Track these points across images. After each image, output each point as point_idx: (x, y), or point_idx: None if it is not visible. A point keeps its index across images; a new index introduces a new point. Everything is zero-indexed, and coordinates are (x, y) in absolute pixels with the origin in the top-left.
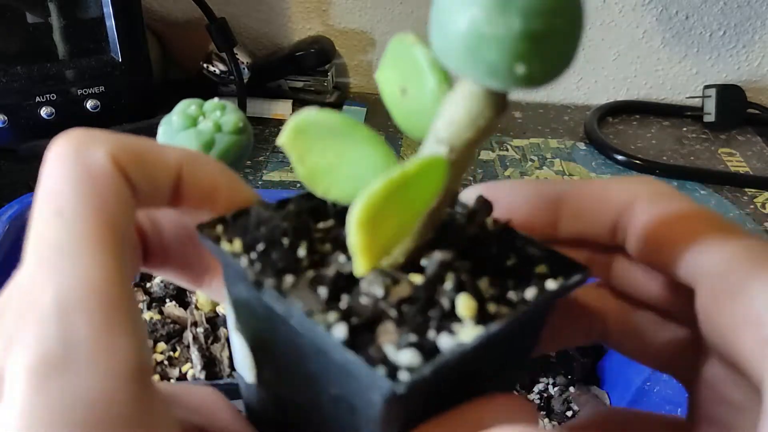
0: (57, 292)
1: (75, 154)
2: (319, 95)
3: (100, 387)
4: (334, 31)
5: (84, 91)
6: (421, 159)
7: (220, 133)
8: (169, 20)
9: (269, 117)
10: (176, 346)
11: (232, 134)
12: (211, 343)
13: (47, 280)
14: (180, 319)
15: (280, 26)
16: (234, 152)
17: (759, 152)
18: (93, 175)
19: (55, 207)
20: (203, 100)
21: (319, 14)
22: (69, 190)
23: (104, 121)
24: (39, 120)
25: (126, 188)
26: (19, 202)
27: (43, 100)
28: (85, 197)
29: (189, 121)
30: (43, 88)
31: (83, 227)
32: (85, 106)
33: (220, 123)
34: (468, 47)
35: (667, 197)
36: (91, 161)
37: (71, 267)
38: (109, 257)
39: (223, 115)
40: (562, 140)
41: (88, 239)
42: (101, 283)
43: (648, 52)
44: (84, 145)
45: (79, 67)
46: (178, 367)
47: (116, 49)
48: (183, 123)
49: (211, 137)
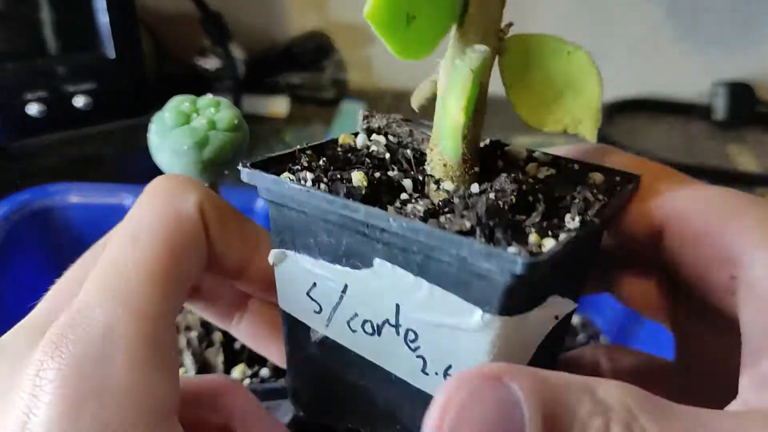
0: (108, 319)
1: (167, 193)
2: (317, 91)
3: (130, 420)
4: (332, 25)
5: (75, 87)
6: None
7: (215, 131)
8: (163, 14)
9: (266, 114)
10: None
11: (226, 132)
12: (206, 347)
13: (101, 306)
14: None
15: (276, 21)
16: (229, 150)
17: None
18: (178, 216)
19: (132, 232)
20: (196, 96)
21: (317, 9)
22: (151, 222)
23: (96, 118)
24: (29, 118)
25: (203, 237)
26: (8, 202)
27: (33, 98)
28: (164, 231)
29: (182, 118)
30: (33, 85)
31: (153, 258)
32: (77, 104)
33: (214, 120)
34: None
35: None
36: (180, 204)
37: (128, 295)
38: (166, 296)
39: (218, 111)
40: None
41: (153, 272)
42: (151, 321)
43: (656, 48)
44: (179, 188)
45: (70, 64)
46: None
47: (109, 45)
48: (176, 120)
49: (205, 135)
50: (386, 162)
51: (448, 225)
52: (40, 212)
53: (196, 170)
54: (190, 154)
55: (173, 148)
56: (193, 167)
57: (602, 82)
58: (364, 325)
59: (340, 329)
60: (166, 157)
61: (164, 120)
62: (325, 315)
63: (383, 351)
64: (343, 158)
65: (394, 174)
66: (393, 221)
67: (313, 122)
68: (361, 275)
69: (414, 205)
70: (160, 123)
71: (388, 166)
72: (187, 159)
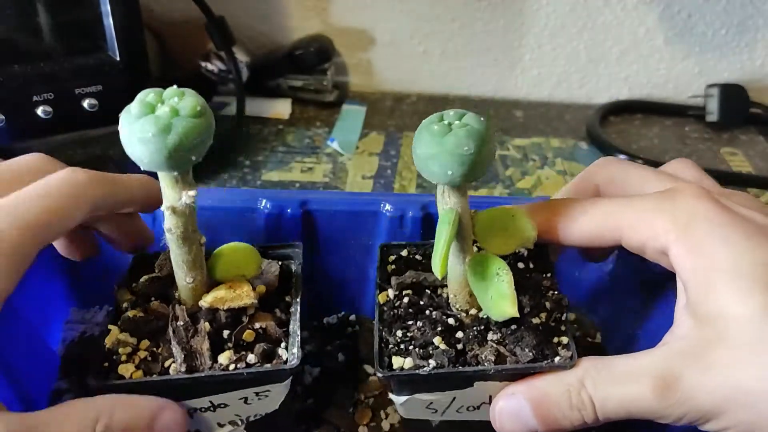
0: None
1: (68, 184)
2: (319, 94)
3: None
4: (334, 29)
5: (82, 90)
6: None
7: (178, 118)
8: (168, 19)
9: (268, 116)
10: (160, 343)
11: (190, 118)
12: (192, 336)
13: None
14: (163, 315)
15: (279, 24)
16: (193, 136)
17: (762, 152)
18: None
19: (46, 191)
20: (163, 89)
21: (319, 12)
22: (54, 190)
23: (102, 120)
24: (36, 119)
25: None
26: None
27: (41, 99)
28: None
29: (147, 108)
30: (40, 87)
31: (39, 209)
32: (83, 106)
33: (177, 108)
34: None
35: None
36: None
37: (20, 220)
38: (37, 233)
39: (181, 100)
40: (564, 140)
41: (37, 218)
42: (23, 238)
43: (650, 50)
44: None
45: (76, 66)
46: (160, 362)
47: (114, 48)
48: (141, 110)
49: (168, 122)
50: None
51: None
52: None
53: (162, 157)
54: (154, 142)
55: (139, 137)
56: (159, 155)
57: (535, 227)
58: (468, 408)
59: (450, 416)
60: (135, 148)
61: (130, 112)
62: (440, 413)
63: (482, 415)
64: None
65: None
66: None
67: (315, 124)
68: (466, 391)
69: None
70: (127, 114)
71: None
72: (153, 146)
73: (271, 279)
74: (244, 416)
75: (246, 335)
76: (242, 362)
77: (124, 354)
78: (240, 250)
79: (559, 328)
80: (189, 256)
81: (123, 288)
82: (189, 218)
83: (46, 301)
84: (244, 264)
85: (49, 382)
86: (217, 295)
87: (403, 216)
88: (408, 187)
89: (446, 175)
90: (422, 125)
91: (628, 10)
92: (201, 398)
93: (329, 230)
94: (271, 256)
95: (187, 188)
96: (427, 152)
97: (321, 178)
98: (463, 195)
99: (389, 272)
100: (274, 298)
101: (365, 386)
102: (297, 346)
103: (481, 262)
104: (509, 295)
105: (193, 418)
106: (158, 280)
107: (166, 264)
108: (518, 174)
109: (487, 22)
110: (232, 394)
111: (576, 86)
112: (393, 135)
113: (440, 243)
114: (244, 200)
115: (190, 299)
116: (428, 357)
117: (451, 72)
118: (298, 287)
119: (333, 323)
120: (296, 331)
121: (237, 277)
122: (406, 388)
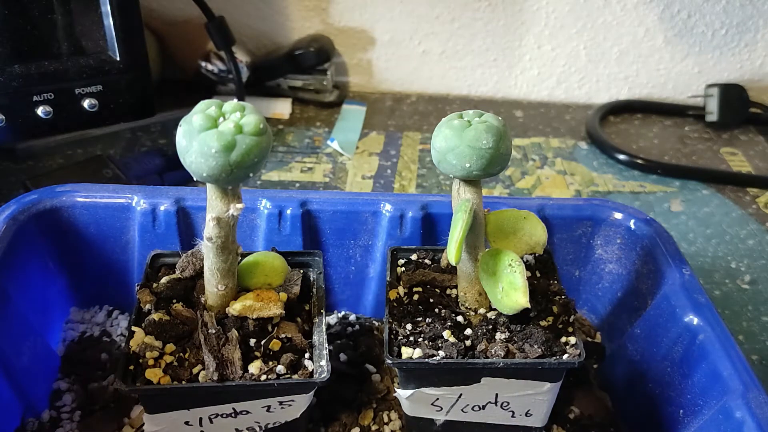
0: None
1: None
2: (319, 94)
3: None
4: (334, 29)
5: (82, 90)
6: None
7: (241, 135)
8: (168, 19)
9: (268, 116)
10: (186, 348)
11: (253, 136)
12: (223, 344)
13: None
14: (188, 319)
15: (279, 25)
16: (255, 154)
17: (761, 152)
18: None
19: None
20: (222, 102)
21: (319, 12)
22: None
23: (102, 120)
24: (36, 119)
25: None
26: (16, 202)
27: (41, 99)
28: None
29: (210, 122)
30: (40, 87)
31: None
32: (83, 105)
33: (241, 124)
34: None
35: None
36: None
37: None
38: None
39: (243, 116)
40: (564, 139)
41: None
42: None
43: (650, 51)
44: None
45: (77, 66)
46: (188, 368)
47: (114, 48)
48: (204, 123)
49: (233, 139)
50: None
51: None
52: (47, 212)
53: (224, 173)
54: (217, 158)
55: (201, 151)
56: (220, 170)
57: (545, 229)
58: (473, 407)
59: (455, 415)
60: (194, 160)
61: (192, 123)
62: (444, 411)
63: (487, 416)
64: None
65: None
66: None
67: (315, 124)
68: (473, 387)
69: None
70: (188, 125)
71: None
72: (214, 162)
73: (294, 288)
74: (263, 423)
75: (272, 344)
76: (273, 373)
77: (150, 358)
78: (270, 260)
79: (566, 329)
80: (225, 265)
81: (144, 288)
82: (231, 229)
83: (46, 301)
84: (272, 273)
85: (49, 382)
86: (246, 304)
87: (402, 216)
88: (408, 187)
89: (464, 168)
90: (442, 122)
91: (628, 10)
92: (225, 405)
93: (329, 230)
94: (290, 263)
95: (235, 201)
96: (447, 145)
97: (321, 178)
98: (478, 191)
99: (399, 274)
100: (296, 306)
101: (368, 386)
102: (326, 359)
103: (494, 256)
104: (521, 285)
105: (212, 423)
106: (180, 281)
107: (188, 266)
108: (518, 174)
109: (487, 22)
110: (256, 402)
111: (576, 86)
112: (393, 135)
113: (456, 229)
114: (244, 200)
115: (216, 305)
116: (437, 349)
117: (451, 72)
118: (321, 298)
119: (333, 323)
120: (323, 343)
121: (264, 286)
122: (414, 379)
